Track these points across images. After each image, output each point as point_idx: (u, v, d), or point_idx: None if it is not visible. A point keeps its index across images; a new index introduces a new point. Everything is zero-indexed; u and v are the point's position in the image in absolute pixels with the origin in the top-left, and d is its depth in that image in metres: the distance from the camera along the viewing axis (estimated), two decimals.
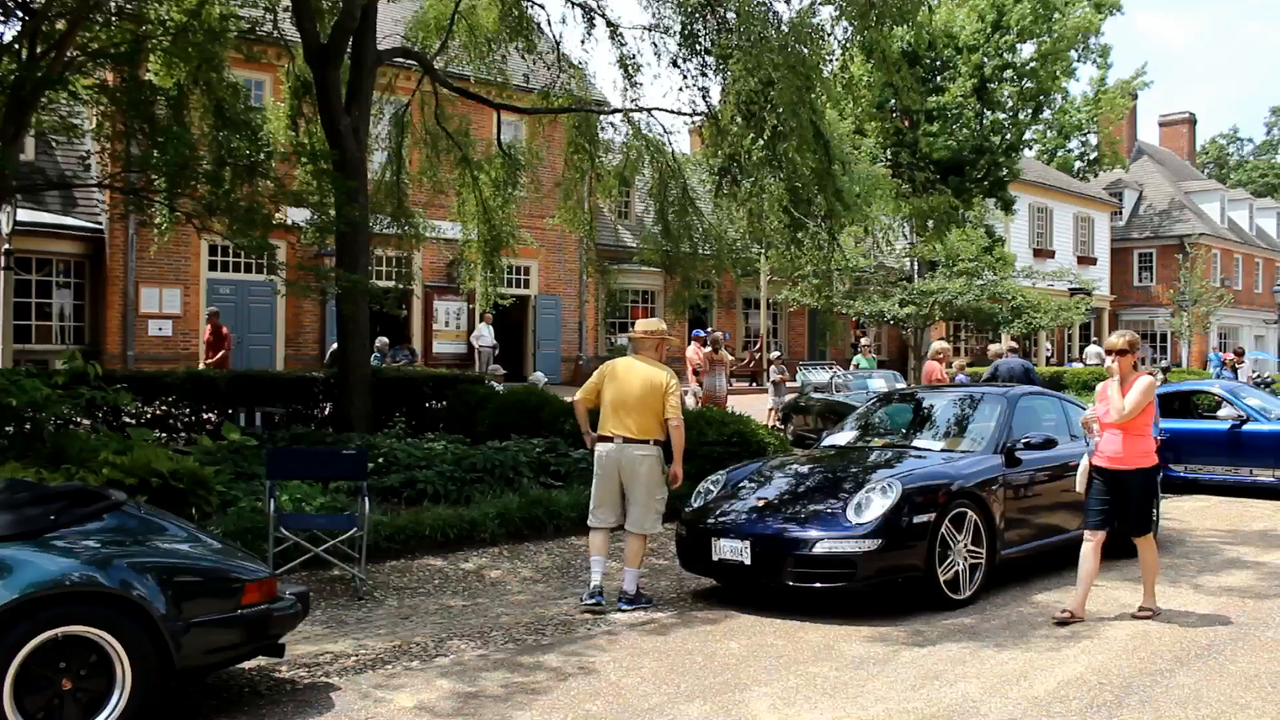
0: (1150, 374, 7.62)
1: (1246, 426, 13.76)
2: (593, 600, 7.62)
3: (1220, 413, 14.48)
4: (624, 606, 7.67)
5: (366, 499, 8.25)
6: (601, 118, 16.63)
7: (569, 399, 14.82)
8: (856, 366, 22.10)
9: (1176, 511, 12.21)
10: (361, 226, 13.39)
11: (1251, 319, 55.60)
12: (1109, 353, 7.68)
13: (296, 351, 24.41)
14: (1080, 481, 7.65)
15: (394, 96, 17.54)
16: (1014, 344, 18.73)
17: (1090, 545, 7.44)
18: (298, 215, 14.59)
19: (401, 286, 19.63)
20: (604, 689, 5.85)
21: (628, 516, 7.77)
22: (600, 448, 7.82)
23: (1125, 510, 7.44)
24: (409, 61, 16.59)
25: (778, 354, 24.31)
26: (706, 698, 5.69)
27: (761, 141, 13.22)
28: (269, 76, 21.62)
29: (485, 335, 25.11)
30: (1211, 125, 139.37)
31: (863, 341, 24.13)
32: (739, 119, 13.37)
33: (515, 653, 6.58)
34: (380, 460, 11.02)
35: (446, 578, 8.75)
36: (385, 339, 21.24)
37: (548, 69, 16.24)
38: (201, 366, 17.35)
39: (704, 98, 14.15)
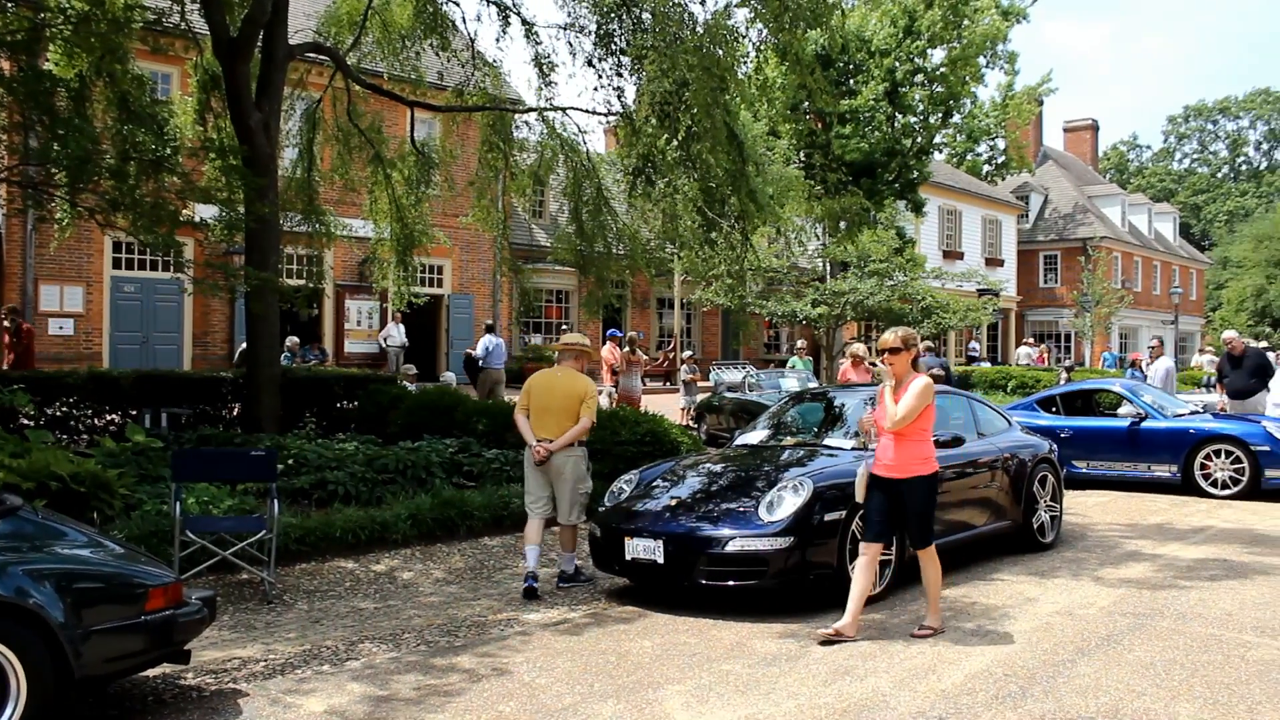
0: (931, 374, 7.31)
1: (1145, 424, 14.16)
2: (527, 584, 8.13)
3: (1120, 410, 14.88)
4: (560, 584, 8.42)
5: (276, 501, 8.13)
6: (516, 116, 16.57)
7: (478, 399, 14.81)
8: (791, 367, 22.32)
9: (1079, 506, 12.53)
10: (271, 224, 13.18)
11: (1150, 319, 57.21)
12: (881, 351, 7.18)
13: (205, 351, 23.95)
14: (859, 490, 7.13)
15: (306, 92, 17.28)
16: (930, 343, 19.07)
17: (865, 559, 6.95)
18: (206, 212, 14.31)
19: (312, 285, 19.35)
20: (517, 690, 5.83)
21: (557, 510, 8.47)
22: (530, 449, 8.47)
23: (904, 521, 7.03)
24: (321, 57, 16.37)
25: (689, 353, 24.47)
26: (620, 697, 5.70)
27: (676, 142, 13.26)
28: (176, 69, 21.19)
29: (396, 335, 24.88)
30: (1113, 132, 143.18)
31: (798, 344, 24.37)
32: (654, 119, 13.40)
33: (428, 655, 6.53)
34: (290, 461, 10.86)
35: (358, 580, 8.65)
36: (296, 338, 20.95)
37: (462, 67, 16.13)
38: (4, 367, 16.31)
39: (619, 98, 14.15)
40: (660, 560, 7.53)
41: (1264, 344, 28.19)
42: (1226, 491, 13.34)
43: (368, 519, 9.57)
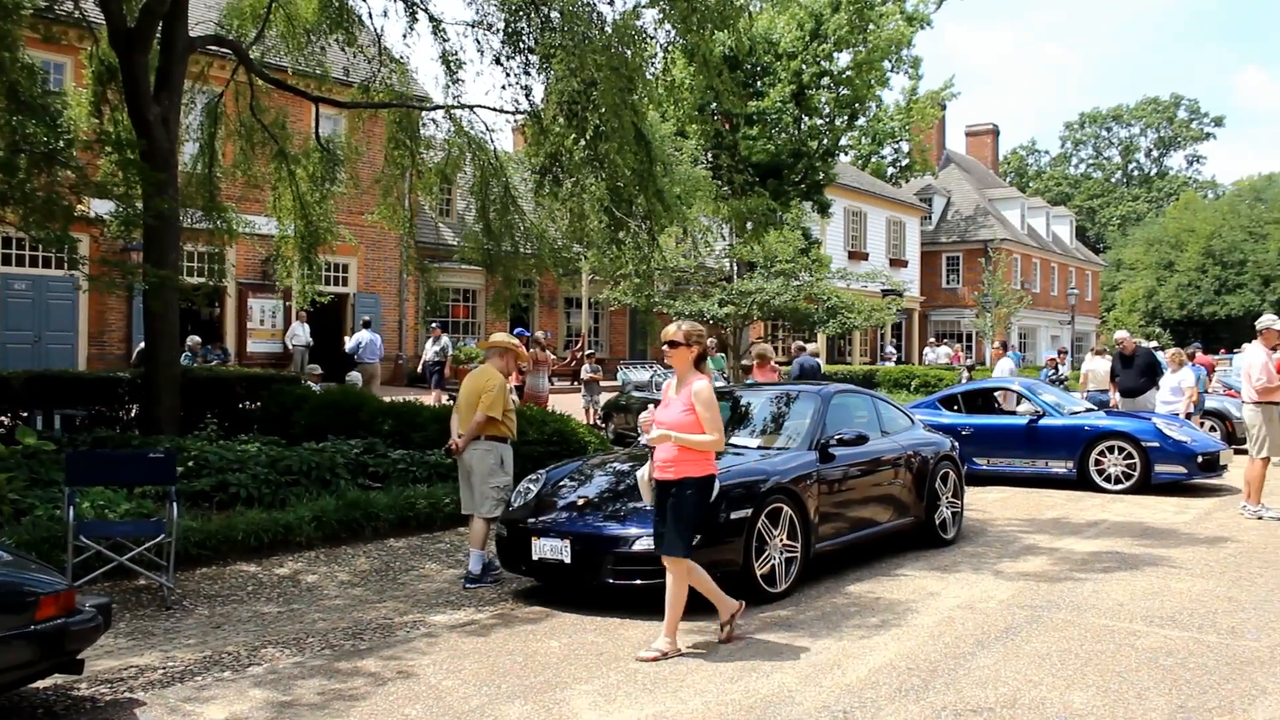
0: (709, 375, 6.76)
1: (1042, 421, 14.52)
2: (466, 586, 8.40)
3: (1019, 408, 15.24)
4: (466, 585, 8.39)
5: (175, 504, 7.96)
6: (423, 114, 16.39)
7: (388, 399, 14.66)
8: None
9: (980, 502, 12.80)
10: (171, 220, 12.88)
11: (1048, 319, 58.73)
12: (663, 345, 6.78)
13: (101, 351, 23.32)
14: (644, 492, 6.76)
15: (207, 86, 16.90)
16: (802, 344, 19.35)
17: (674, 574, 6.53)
18: (101, 207, 13.95)
19: (214, 283, 18.96)
20: (423, 692, 5.78)
21: (474, 502, 8.64)
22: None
23: (667, 521, 6.49)
24: (223, 50, 16.02)
25: (590, 352, 24.50)
26: (527, 698, 5.68)
27: (584, 141, 13.24)
28: (70, 59, 20.57)
29: (301, 334, 24.51)
30: (1013, 137, 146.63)
31: (709, 341, 24.50)
32: (561, 119, 13.36)
33: (332, 659, 6.44)
34: (190, 463, 10.63)
35: (260, 584, 8.50)
36: (197, 338, 20.50)
37: (369, 63, 15.92)
38: None
39: (527, 96, 14.08)
40: (567, 560, 7.52)
41: (1154, 344, 29.04)
42: (1119, 486, 13.74)
43: (271, 521, 9.42)
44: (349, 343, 23.18)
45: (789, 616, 7.39)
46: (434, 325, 24.54)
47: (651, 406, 6.82)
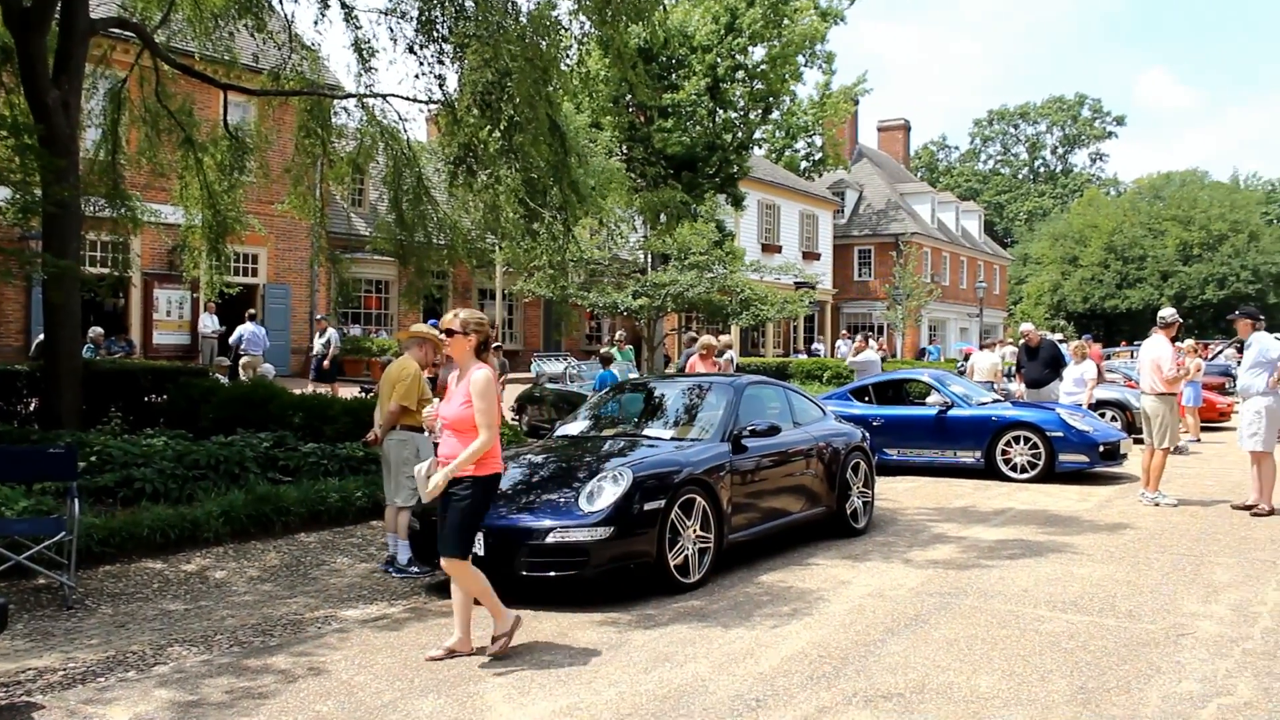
0: (491, 365, 6.36)
1: (951, 412, 14.80)
2: (384, 568, 8.64)
3: (929, 399, 15.50)
4: (393, 573, 8.51)
5: (76, 500, 7.76)
6: (335, 102, 16.16)
7: (298, 391, 14.45)
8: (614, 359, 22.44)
9: (890, 492, 13.00)
10: (72, 208, 12.55)
11: (957, 312, 59.81)
12: (440, 333, 6.46)
13: None
14: (421, 488, 6.22)
15: (110, 70, 16.48)
16: (694, 334, 19.53)
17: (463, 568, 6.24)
18: None
19: (117, 273, 18.48)
20: (335, 688, 5.72)
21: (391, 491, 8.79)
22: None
23: (446, 520, 6.18)
24: (127, 33, 15.61)
25: (496, 345, 24.49)
26: (440, 691, 5.65)
27: (498, 132, 13.17)
28: None
29: (210, 325, 24.04)
30: (924, 132, 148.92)
31: (618, 335, 24.52)
32: (476, 109, 13.27)
33: (241, 656, 6.33)
34: (93, 459, 10.36)
35: (167, 581, 8.33)
36: (100, 329, 20.01)
37: (279, 49, 15.63)
38: None
39: (441, 86, 13.95)
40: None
41: (1058, 336, 29.74)
42: (1025, 475, 14.06)
43: (178, 517, 9.23)
44: (233, 335, 22.92)
45: (702, 607, 7.44)
46: (320, 319, 24.30)
47: (437, 400, 6.38)
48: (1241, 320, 12.09)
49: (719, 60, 30.68)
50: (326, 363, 22.20)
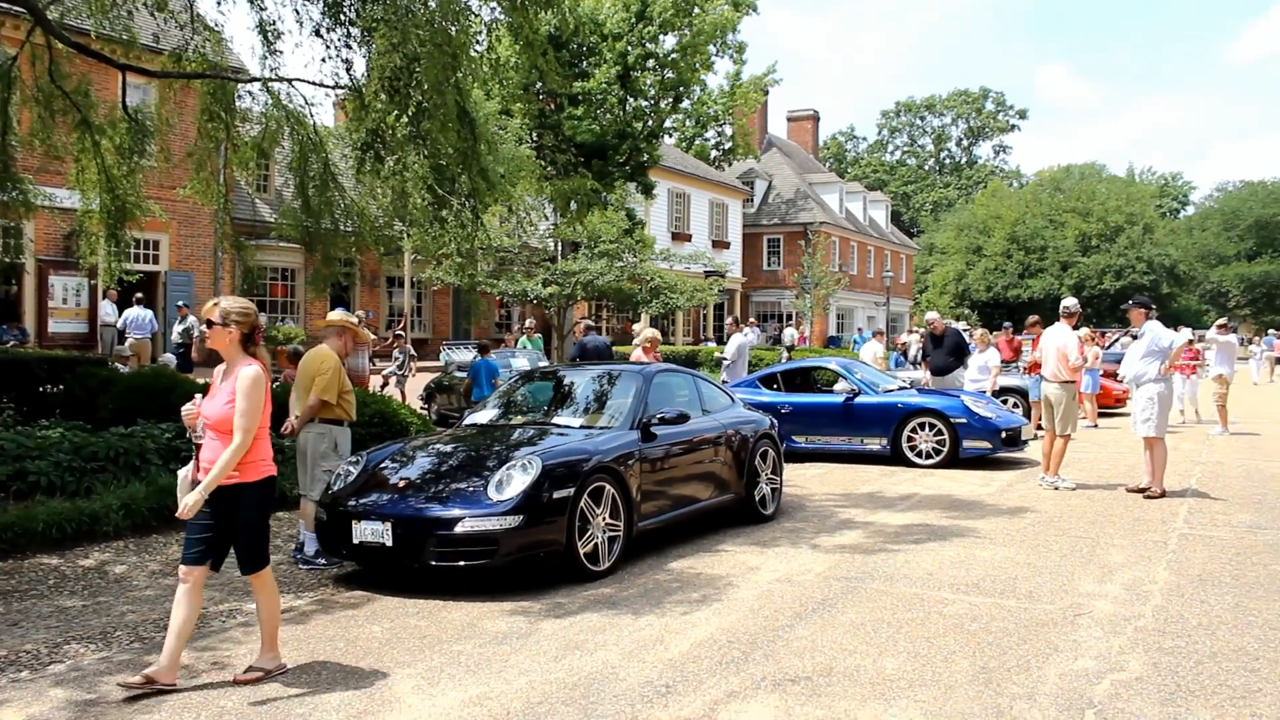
0: (262, 361, 5.72)
1: (858, 399, 15.01)
2: (296, 558, 8.57)
3: (836, 387, 15.70)
4: (300, 565, 8.45)
5: None
6: (239, 86, 15.77)
7: (203, 380, 14.14)
8: (523, 348, 22.38)
9: (798, 479, 13.16)
10: None
11: (865, 301, 60.66)
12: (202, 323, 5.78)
13: None
14: (181, 496, 5.60)
15: (0, 48, 15.91)
16: (590, 321, 19.61)
17: (184, 587, 5.57)
18: None
19: (9, 259, 17.89)
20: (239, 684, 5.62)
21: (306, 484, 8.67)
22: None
23: (233, 537, 5.63)
24: (17, 9, 15.09)
25: (400, 334, 24.36)
26: (348, 684, 5.59)
27: (406, 118, 12.98)
28: None
29: (110, 313, 23.43)
30: (833, 123, 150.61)
31: (527, 323, 24.47)
32: (384, 95, 13.05)
33: (142, 652, 6.19)
34: None
35: (64, 577, 8.11)
36: None
37: (180, 30, 15.21)
38: None
39: (348, 70, 13.71)
40: (389, 543, 7.42)
41: (963, 325, 30.33)
42: (930, 461, 14.33)
43: (75, 511, 8.99)
44: (120, 320, 22.45)
45: (612, 594, 7.46)
46: (180, 304, 23.84)
47: (198, 397, 5.80)
48: (1135, 310, 12.45)
49: (629, 48, 30.69)
50: (194, 353, 21.78)
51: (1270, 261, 74.78)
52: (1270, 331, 48.55)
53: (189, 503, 5.40)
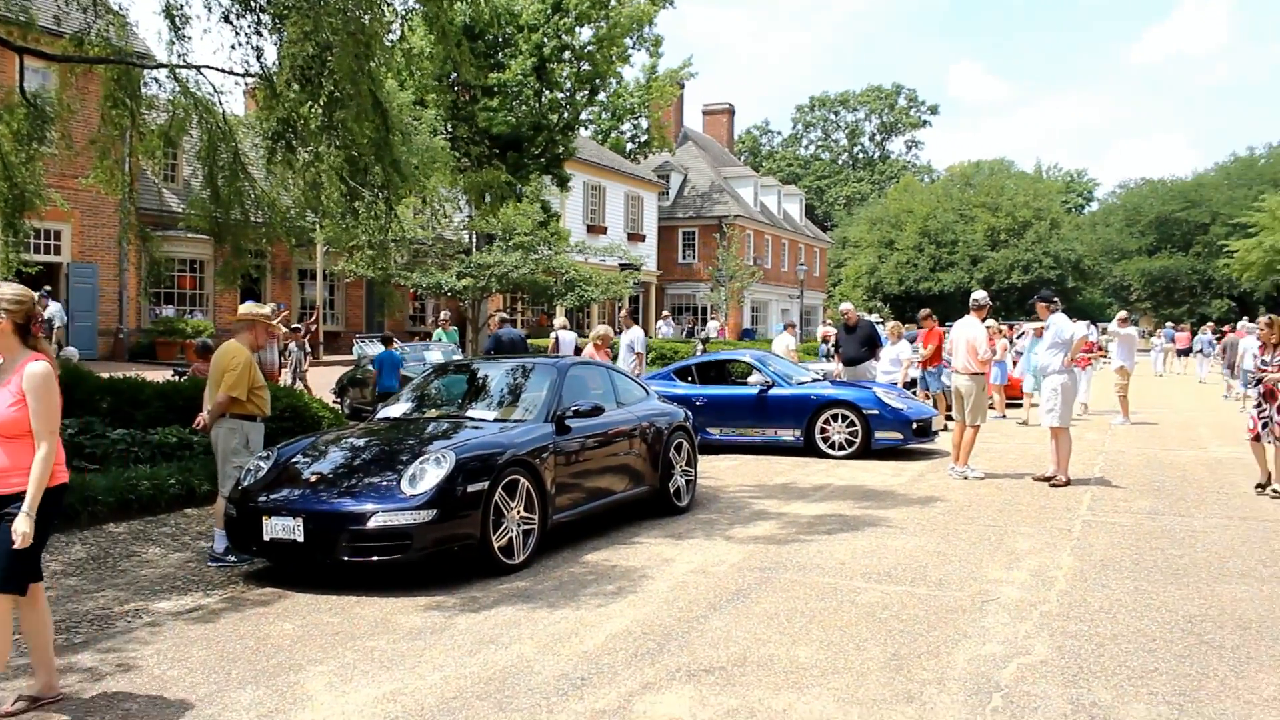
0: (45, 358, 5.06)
1: (771, 391, 15.14)
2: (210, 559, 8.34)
3: (750, 379, 15.82)
4: (210, 563, 8.24)
5: None
6: (146, 72, 15.41)
7: (107, 375, 13.81)
8: (439, 340, 22.22)
9: (713, 471, 13.24)
10: None
11: (779, 294, 61.21)
12: None
13: None
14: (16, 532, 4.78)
15: None
16: (505, 314, 19.63)
17: (17, 610, 5.08)
18: None
19: None
20: (146, 685, 5.50)
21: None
22: None
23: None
24: None
25: (296, 326, 24.09)
26: (259, 682, 5.51)
27: (319, 108, 12.79)
28: None
29: None
30: (748, 117, 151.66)
31: (442, 315, 24.29)
32: (295, 84, 12.85)
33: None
34: None
35: None
36: None
37: (83, 12, 14.78)
38: None
39: (259, 58, 13.45)
40: (300, 539, 7.32)
41: (875, 317, 30.75)
42: (843, 452, 14.51)
43: None
44: None
45: (527, 588, 7.45)
46: (40, 295, 23.29)
47: None
48: (1040, 303, 12.74)
49: (545, 40, 30.58)
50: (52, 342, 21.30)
51: (1169, 256, 76.96)
52: (1169, 324, 50.02)
53: (24, 531, 4.76)
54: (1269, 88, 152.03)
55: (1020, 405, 20.29)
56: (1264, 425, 11.36)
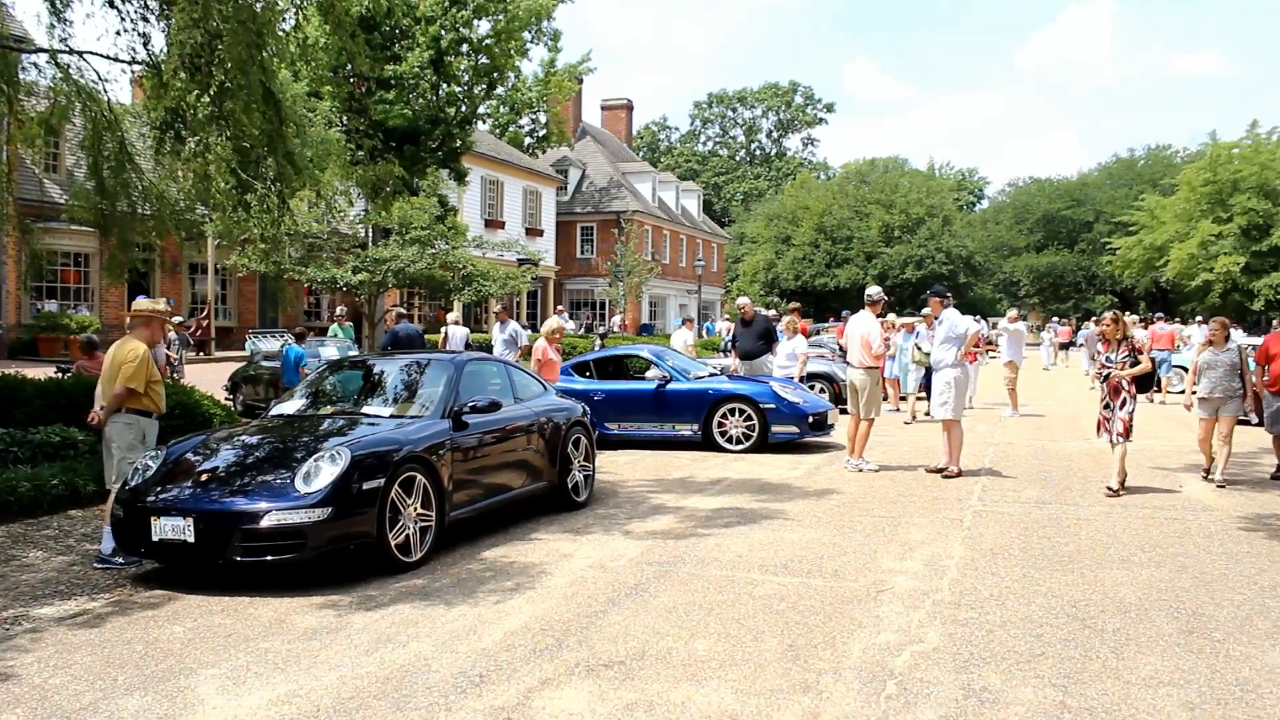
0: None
1: (669, 386, 15.20)
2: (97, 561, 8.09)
3: (649, 374, 15.87)
4: (96, 564, 8.01)
5: None
6: (24, 57, 14.89)
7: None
8: (334, 336, 21.86)
9: (611, 466, 13.26)
10: None
11: (677, 289, 61.52)
12: None
13: None
14: None
15: None
16: (402, 310, 19.46)
17: None
18: None
19: None
20: (26, 694, 5.31)
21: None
22: None
23: None
24: None
25: (179, 320, 23.65)
26: (147, 688, 5.37)
27: (208, 98, 12.49)
28: None
29: None
30: (646, 113, 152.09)
31: (338, 311, 23.92)
32: (184, 72, 12.53)
33: None
34: None
35: None
36: None
37: None
38: None
39: (145, 46, 13.09)
40: (191, 539, 7.14)
41: (772, 312, 31.09)
42: (740, 446, 14.63)
43: None
44: None
45: (424, 585, 7.38)
46: None
47: None
48: (934, 299, 13.01)
49: (443, 32, 30.30)
50: None
51: (1056, 253, 79.11)
52: (1055, 319, 51.42)
53: None
54: (1150, 90, 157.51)
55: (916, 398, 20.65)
56: (1108, 422, 11.39)
